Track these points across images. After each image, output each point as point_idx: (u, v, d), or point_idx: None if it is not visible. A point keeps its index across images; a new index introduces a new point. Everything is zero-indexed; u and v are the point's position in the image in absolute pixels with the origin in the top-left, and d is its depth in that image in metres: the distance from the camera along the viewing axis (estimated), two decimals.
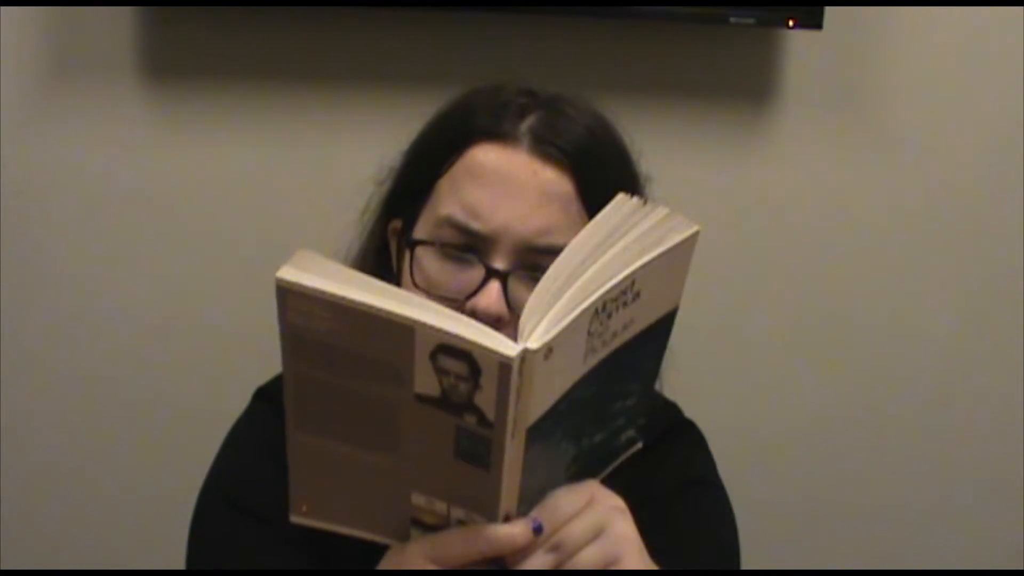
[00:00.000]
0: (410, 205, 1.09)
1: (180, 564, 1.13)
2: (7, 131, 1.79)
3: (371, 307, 0.83)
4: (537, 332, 0.84)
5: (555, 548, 0.91)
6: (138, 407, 1.88)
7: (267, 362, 1.11)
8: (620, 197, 0.94)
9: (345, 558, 1.00)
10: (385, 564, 0.95)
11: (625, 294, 0.90)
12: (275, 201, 1.82)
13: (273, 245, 1.75)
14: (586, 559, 0.91)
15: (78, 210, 1.83)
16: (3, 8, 1.75)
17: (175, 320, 1.86)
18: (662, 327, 0.98)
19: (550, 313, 0.86)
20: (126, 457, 1.89)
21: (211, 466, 1.15)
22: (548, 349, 0.84)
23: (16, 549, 1.90)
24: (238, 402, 1.19)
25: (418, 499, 0.92)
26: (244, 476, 1.12)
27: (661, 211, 0.93)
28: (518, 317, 0.97)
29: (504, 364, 0.83)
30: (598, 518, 0.93)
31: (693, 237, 0.94)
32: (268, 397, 1.17)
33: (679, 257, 0.94)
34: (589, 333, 0.88)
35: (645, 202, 0.94)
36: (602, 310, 0.88)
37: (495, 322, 0.97)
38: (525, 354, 0.83)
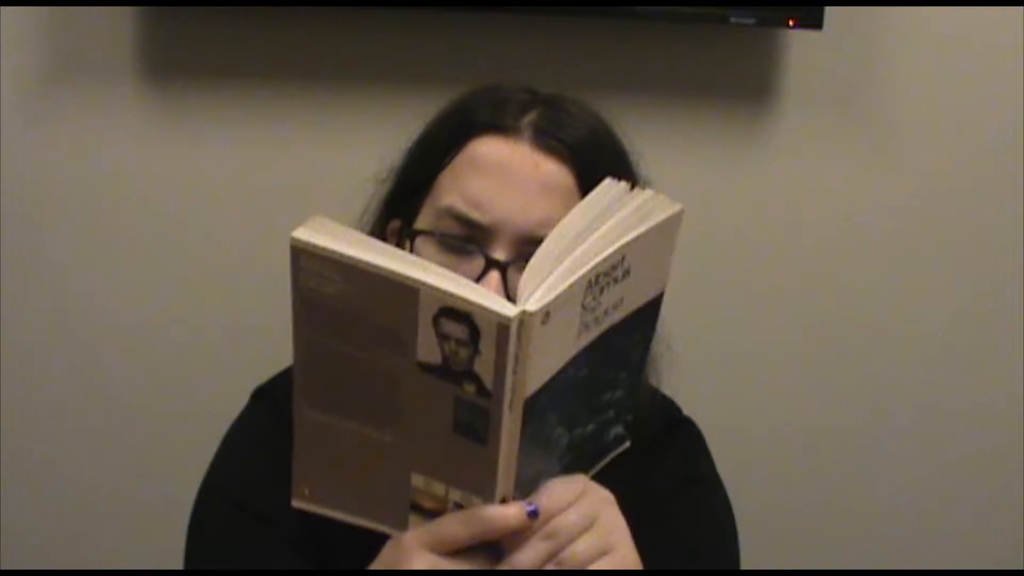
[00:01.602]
0: (410, 201, 1.09)
1: (179, 564, 1.13)
2: (7, 131, 1.79)
3: (378, 267, 0.85)
4: (535, 296, 0.86)
5: (549, 536, 0.92)
6: (138, 406, 1.88)
7: (266, 362, 1.12)
8: (607, 181, 0.96)
9: (344, 557, 1.00)
10: (382, 555, 0.95)
11: (616, 269, 0.91)
12: (275, 201, 1.83)
13: (273, 245, 1.75)
14: (580, 549, 0.92)
15: (78, 210, 1.83)
16: (3, 8, 1.75)
17: (175, 319, 1.86)
18: (649, 312, 0.99)
19: (547, 280, 0.88)
20: (126, 456, 1.89)
21: (209, 465, 1.15)
22: (546, 313, 0.86)
23: (16, 549, 1.90)
24: (237, 401, 1.19)
25: (417, 480, 0.93)
26: (242, 475, 1.12)
27: (647, 192, 0.95)
28: None
29: (502, 325, 0.84)
30: (590, 508, 0.94)
31: (678, 215, 0.96)
32: (267, 396, 1.17)
33: (665, 235, 0.96)
34: (583, 307, 0.90)
35: (632, 187, 0.95)
36: (595, 283, 0.90)
37: None
38: (523, 316, 0.85)
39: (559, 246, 0.90)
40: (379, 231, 1.15)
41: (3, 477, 1.89)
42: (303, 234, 0.87)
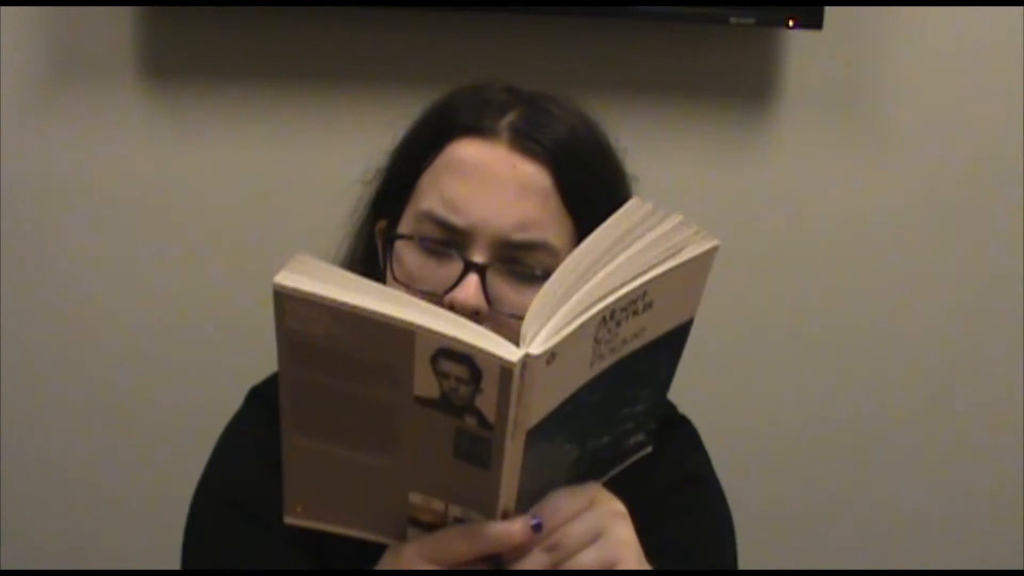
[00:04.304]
0: (395, 203, 1.09)
1: (178, 564, 1.13)
2: (7, 131, 1.79)
3: (370, 311, 0.83)
4: (540, 338, 0.84)
5: (553, 548, 0.91)
6: (136, 406, 1.88)
7: (263, 361, 1.11)
8: (633, 202, 0.93)
9: (342, 556, 1.00)
10: (382, 564, 0.95)
11: (636, 303, 0.89)
12: (274, 201, 1.83)
13: (272, 245, 1.76)
14: (584, 561, 0.91)
15: (78, 210, 1.83)
16: (3, 8, 1.75)
17: (173, 319, 1.86)
18: (677, 336, 0.97)
19: (554, 318, 0.85)
20: (124, 456, 1.89)
21: (206, 465, 1.15)
22: (551, 355, 0.84)
23: (16, 549, 1.90)
24: (235, 401, 1.19)
25: (415, 498, 0.92)
26: (239, 475, 1.12)
27: (673, 218, 0.93)
28: (497, 311, 0.97)
29: (505, 369, 0.82)
30: (598, 521, 0.93)
31: (712, 251, 0.93)
32: (262, 396, 1.16)
33: (696, 270, 0.93)
34: (596, 340, 0.88)
35: (656, 210, 0.93)
36: (610, 318, 0.88)
37: (474, 315, 0.97)
38: (527, 359, 0.82)
39: (571, 277, 0.88)
40: (367, 231, 1.15)
41: (3, 477, 1.89)
42: (287, 279, 0.83)
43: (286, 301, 0.84)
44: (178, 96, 1.80)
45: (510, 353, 0.82)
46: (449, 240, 1.03)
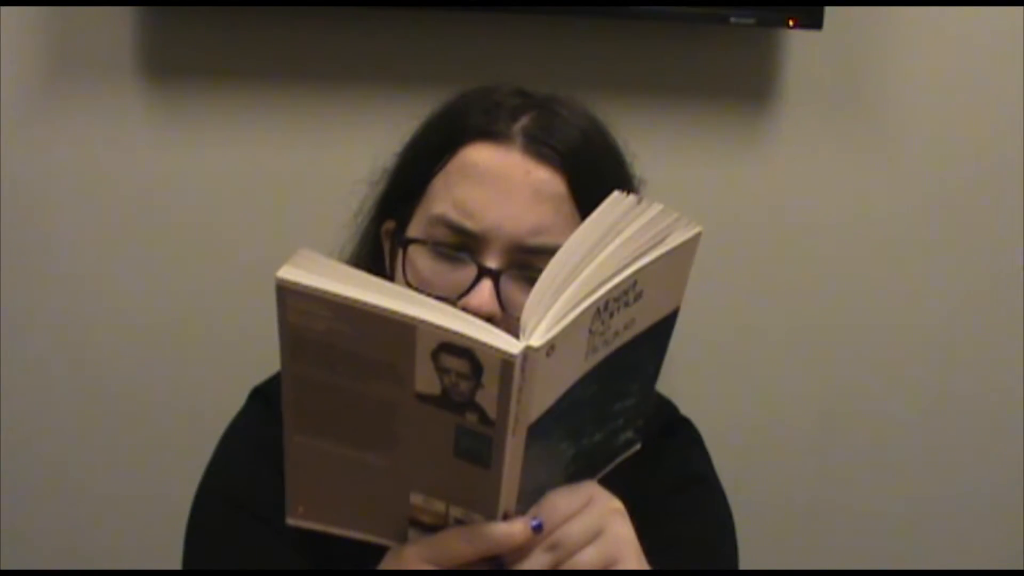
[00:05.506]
0: (403, 205, 1.09)
1: (179, 564, 1.13)
2: (7, 131, 1.79)
3: (372, 306, 0.83)
4: (539, 330, 0.85)
5: (553, 547, 0.92)
6: (137, 406, 1.88)
7: (265, 361, 1.11)
8: (615, 195, 0.94)
9: (343, 556, 1.00)
10: (383, 566, 0.95)
11: (627, 294, 0.90)
12: (275, 201, 1.83)
13: (273, 245, 1.75)
14: (584, 560, 0.91)
15: (78, 210, 1.83)
16: (3, 8, 1.75)
17: (174, 319, 1.86)
18: (663, 327, 0.98)
19: (552, 310, 0.86)
20: (125, 456, 1.89)
21: (207, 465, 1.15)
22: (550, 347, 0.84)
23: (16, 549, 1.90)
24: (237, 401, 1.19)
25: (416, 499, 0.92)
26: (240, 475, 1.12)
27: (656, 207, 0.94)
28: (510, 316, 0.98)
29: (507, 362, 0.83)
30: (597, 519, 0.93)
31: (695, 238, 0.95)
32: (264, 396, 1.17)
33: (681, 258, 0.94)
34: (591, 332, 0.89)
35: (640, 200, 0.94)
36: (604, 309, 0.88)
37: (487, 321, 0.98)
38: (528, 352, 0.83)
39: (564, 269, 0.88)
40: (374, 231, 1.15)
41: (3, 477, 1.89)
42: (289, 273, 0.84)
43: (288, 296, 0.84)
44: (178, 96, 1.80)
45: (511, 345, 0.83)
46: (462, 245, 1.03)
